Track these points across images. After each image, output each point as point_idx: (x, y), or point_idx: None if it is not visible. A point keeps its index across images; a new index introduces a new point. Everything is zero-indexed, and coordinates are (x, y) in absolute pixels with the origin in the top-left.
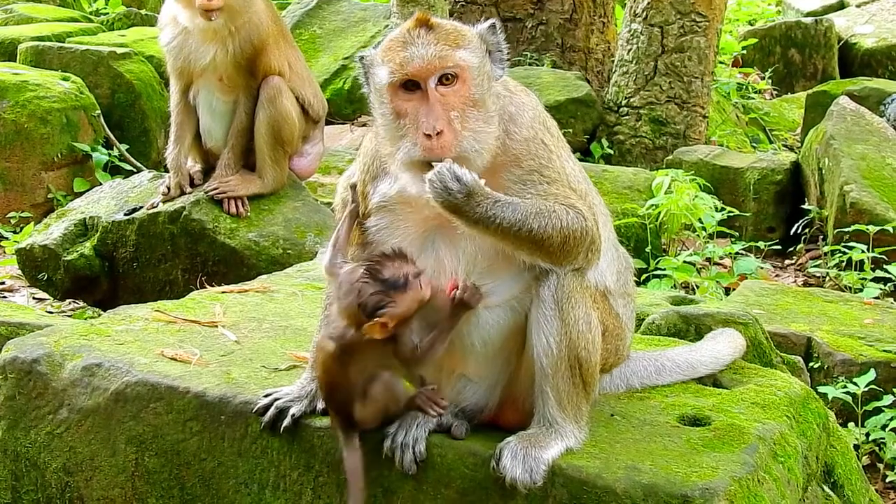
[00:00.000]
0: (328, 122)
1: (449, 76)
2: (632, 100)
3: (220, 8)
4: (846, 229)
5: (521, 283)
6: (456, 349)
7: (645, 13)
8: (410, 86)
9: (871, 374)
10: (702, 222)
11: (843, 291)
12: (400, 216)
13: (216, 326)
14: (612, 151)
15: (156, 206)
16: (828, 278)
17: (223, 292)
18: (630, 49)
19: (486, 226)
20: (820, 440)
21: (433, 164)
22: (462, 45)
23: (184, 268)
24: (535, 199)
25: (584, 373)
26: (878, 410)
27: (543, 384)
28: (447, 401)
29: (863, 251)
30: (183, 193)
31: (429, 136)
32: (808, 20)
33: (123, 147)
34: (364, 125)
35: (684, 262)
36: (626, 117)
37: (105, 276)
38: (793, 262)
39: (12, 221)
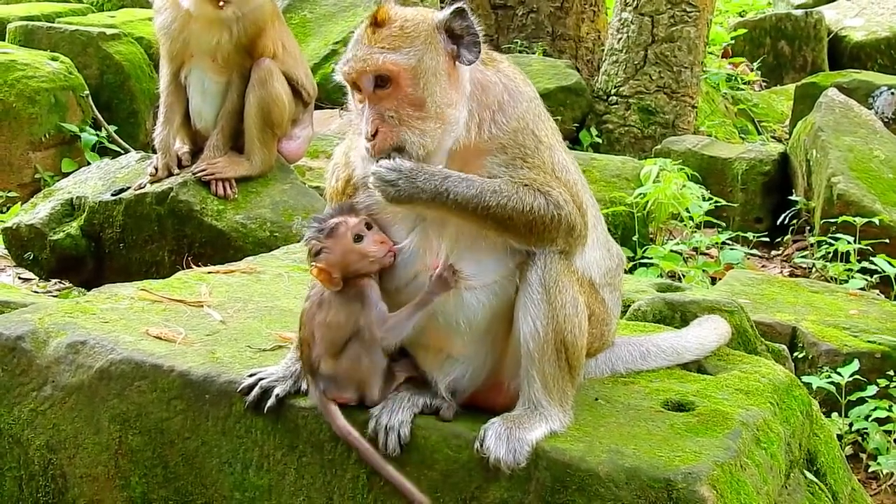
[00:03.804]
0: (317, 107)
1: (382, 79)
2: (621, 89)
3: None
4: (833, 220)
5: (505, 266)
6: (441, 328)
7: (636, 2)
8: (356, 86)
9: (855, 365)
10: (689, 212)
11: (829, 282)
12: None
13: (202, 306)
14: (600, 140)
15: (143, 187)
16: (814, 269)
17: (209, 273)
18: (620, 38)
19: (442, 202)
20: (803, 427)
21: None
22: (400, 47)
23: (170, 249)
24: (501, 180)
25: (571, 356)
26: (861, 401)
27: (530, 367)
28: (434, 381)
29: (849, 243)
30: (170, 175)
31: (368, 139)
32: (799, 12)
33: (112, 128)
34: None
35: (671, 251)
36: (616, 106)
37: (91, 256)
38: (779, 252)
39: None
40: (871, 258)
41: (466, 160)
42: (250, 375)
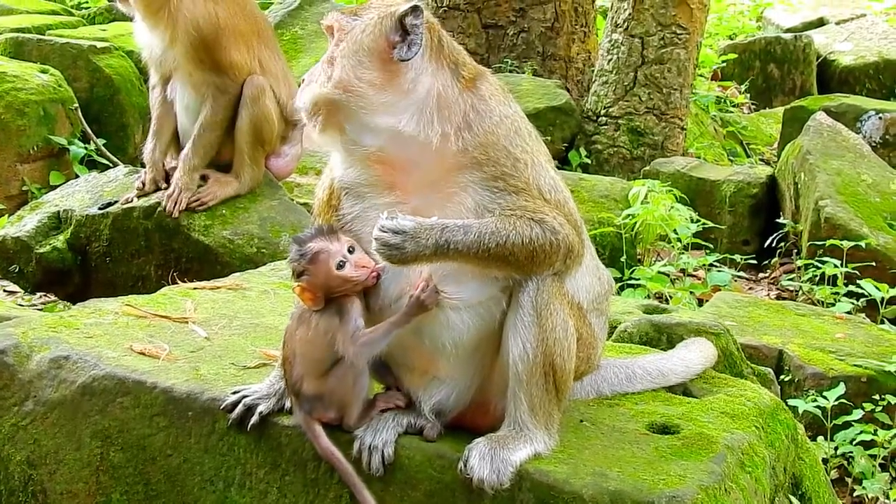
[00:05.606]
0: None
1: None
2: (611, 110)
3: None
4: (820, 244)
5: (491, 287)
6: (427, 350)
7: (626, 24)
8: None
9: (841, 388)
10: (677, 233)
11: (816, 305)
12: (368, 204)
13: (186, 322)
14: (589, 160)
15: (130, 201)
16: (801, 292)
17: (195, 288)
18: (610, 59)
19: (444, 254)
20: (788, 451)
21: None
22: (356, 14)
23: (157, 263)
24: (495, 217)
25: (558, 380)
26: (847, 424)
27: (517, 389)
28: (418, 402)
29: (836, 266)
30: (158, 189)
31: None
32: (788, 36)
33: (100, 142)
34: None
35: (658, 272)
36: (605, 127)
37: (77, 269)
38: (766, 275)
39: None
40: (857, 282)
41: (442, 174)
42: (234, 393)
